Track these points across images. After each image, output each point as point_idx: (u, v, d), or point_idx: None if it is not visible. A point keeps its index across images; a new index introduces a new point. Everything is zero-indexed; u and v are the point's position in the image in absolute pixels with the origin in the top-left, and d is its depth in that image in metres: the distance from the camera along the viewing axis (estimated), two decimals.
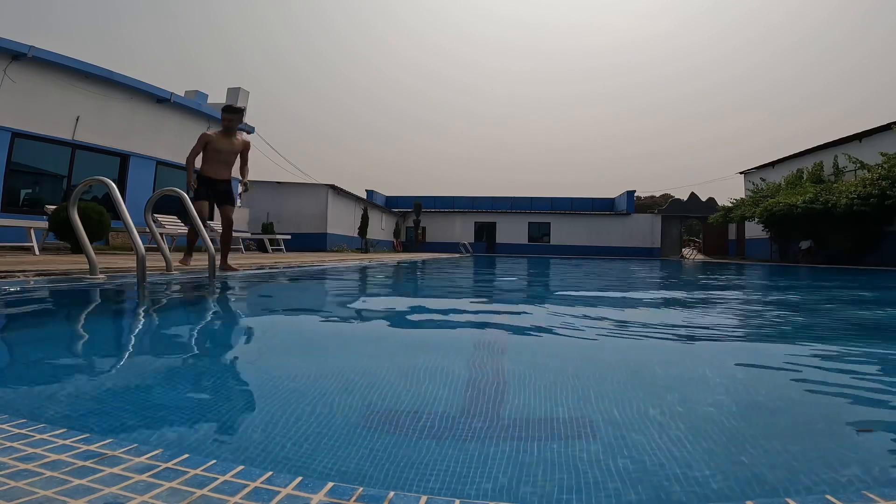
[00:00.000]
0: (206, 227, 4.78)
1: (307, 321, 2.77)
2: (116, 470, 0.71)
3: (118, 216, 3.80)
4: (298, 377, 1.47)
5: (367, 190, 29.99)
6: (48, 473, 0.69)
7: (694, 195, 28.52)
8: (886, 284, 6.96)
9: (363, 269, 8.06)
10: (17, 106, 9.51)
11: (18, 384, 1.34)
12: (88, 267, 3.80)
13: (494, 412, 1.15)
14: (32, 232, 7.40)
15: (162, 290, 3.72)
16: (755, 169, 21.99)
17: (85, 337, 2.14)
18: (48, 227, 7.68)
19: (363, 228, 21.38)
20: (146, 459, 0.75)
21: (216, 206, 5.48)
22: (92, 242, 4.19)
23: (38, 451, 0.76)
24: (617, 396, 1.32)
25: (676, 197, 29.90)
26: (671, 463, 0.88)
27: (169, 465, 0.73)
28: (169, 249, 6.87)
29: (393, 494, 0.67)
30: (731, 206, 20.62)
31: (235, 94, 16.15)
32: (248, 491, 0.66)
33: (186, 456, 0.76)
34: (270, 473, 0.72)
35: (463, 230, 30.80)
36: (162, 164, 12.84)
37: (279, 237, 14.62)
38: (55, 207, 7.85)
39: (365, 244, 21.25)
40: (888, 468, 0.90)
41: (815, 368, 1.76)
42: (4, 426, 0.87)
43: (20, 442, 0.80)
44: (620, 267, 12.16)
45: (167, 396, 1.26)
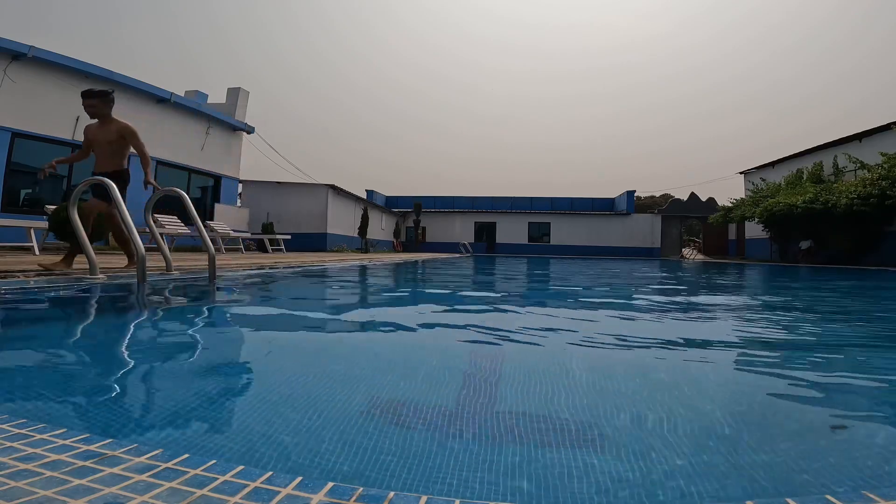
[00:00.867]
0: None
1: (307, 322, 2.77)
2: (116, 470, 0.71)
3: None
4: (298, 377, 1.47)
5: (367, 190, 29.99)
6: (48, 473, 0.69)
7: (694, 195, 28.51)
8: (887, 285, 6.96)
9: (363, 269, 8.06)
10: (17, 106, 9.52)
11: (18, 384, 1.34)
12: (88, 267, 3.81)
13: (494, 413, 1.15)
14: (32, 232, 7.40)
15: (162, 290, 3.72)
16: (755, 169, 21.98)
17: (85, 337, 2.14)
18: (48, 227, 7.69)
19: (363, 228, 21.38)
20: (146, 459, 0.75)
21: None
22: (92, 242, 4.19)
23: (38, 451, 0.76)
24: (624, 400, 1.32)
25: (676, 197, 29.90)
26: (673, 464, 0.88)
27: (169, 465, 0.73)
28: (169, 249, 6.87)
29: (393, 494, 0.67)
30: (731, 206, 20.60)
31: (235, 94, 16.16)
32: (248, 491, 0.66)
33: (186, 456, 0.76)
34: (270, 473, 0.72)
35: (463, 230, 30.80)
36: (162, 164, 12.85)
37: (279, 237, 14.61)
38: (55, 207, 7.85)
39: (365, 244, 21.25)
40: (888, 468, 0.90)
41: (814, 369, 1.76)
42: (4, 426, 0.87)
43: (20, 442, 0.80)
44: (622, 267, 12.15)
45: (167, 396, 1.26)
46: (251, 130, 16.59)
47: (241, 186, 17.83)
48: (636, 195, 30.64)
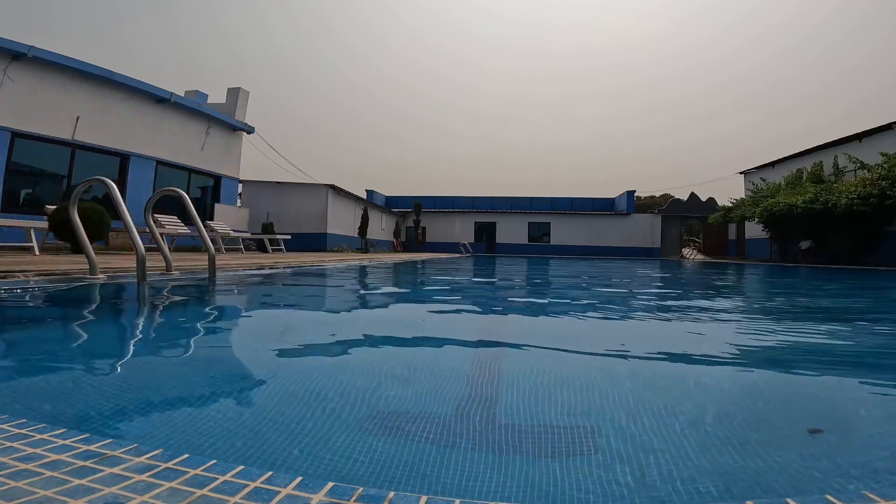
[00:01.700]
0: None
1: (307, 322, 2.77)
2: (116, 470, 0.71)
3: (118, 216, 3.80)
4: (299, 377, 1.47)
5: (367, 190, 29.98)
6: (48, 473, 0.69)
7: (694, 195, 28.51)
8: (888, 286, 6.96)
9: (363, 269, 8.06)
10: (17, 106, 9.52)
11: (19, 384, 1.34)
12: (88, 267, 3.80)
13: (493, 414, 1.15)
14: (32, 232, 7.40)
15: (162, 290, 3.71)
16: (755, 169, 21.98)
17: (85, 337, 2.13)
18: (48, 227, 7.69)
19: (363, 228, 21.38)
20: (146, 459, 0.75)
21: None
22: (92, 242, 4.19)
23: (38, 451, 0.76)
24: (624, 400, 1.32)
25: (676, 197, 29.89)
26: (671, 464, 0.88)
27: (169, 465, 0.73)
28: (169, 249, 6.87)
29: (393, 494, 0.67)
30: (731, 206, 20.60)
31: (235, 94, 16.16)
32: (248, 491, 0.66)
33: (186, 456, 0.76)
34: (270, 473, 0.72)
35: (463, 230, 30.79)
36: (162, 163, 12.84)
37: (279, 237, 14.61)
38: (55, 207, 7.85)
39: (365, 244, 21.24)
40: (888, 468, 0.90)
41: (817, 371, 1.76)
42: (4, 426, 0.87)
43: (20, 442, 0.80)
44: (622, 267, 12.15)
45: (167, 396, 1.26)
46: (251, 130, 16.59)
47: (241, 186, 17.83)
48: (636, 195, 30.63)
